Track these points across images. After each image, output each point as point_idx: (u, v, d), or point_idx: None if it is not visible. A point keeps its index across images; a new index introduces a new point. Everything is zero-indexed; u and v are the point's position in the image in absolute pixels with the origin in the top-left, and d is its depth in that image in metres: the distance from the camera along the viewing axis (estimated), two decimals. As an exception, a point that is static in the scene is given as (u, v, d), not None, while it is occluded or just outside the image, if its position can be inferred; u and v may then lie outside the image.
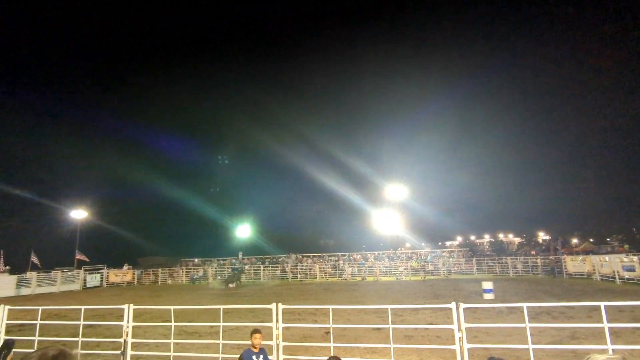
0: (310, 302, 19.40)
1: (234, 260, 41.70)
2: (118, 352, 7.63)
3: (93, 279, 34.97)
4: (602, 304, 6.01)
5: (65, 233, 42.81)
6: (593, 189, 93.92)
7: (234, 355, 6.82)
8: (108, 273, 36.36)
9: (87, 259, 37.24)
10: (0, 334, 8.33)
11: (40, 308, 8.84)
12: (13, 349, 7.12)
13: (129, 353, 7.52)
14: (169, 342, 7.81)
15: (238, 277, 31.19)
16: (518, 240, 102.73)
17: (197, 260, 43.73)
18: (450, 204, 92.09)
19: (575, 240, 73.49)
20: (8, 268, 31.72)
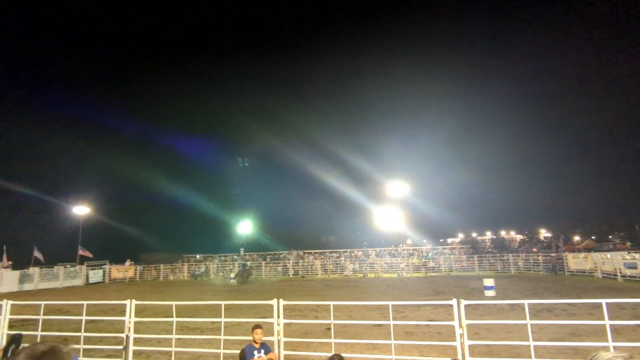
0: (312, 298, 19.44)
1: (236, 257, 41.77)
2: (120, 347, 7.67)
3: (95, 275, 35.14)
4: (603, 302, 5.99)
5: (68, 229, 43.00)
6: (595, 187, 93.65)
7: (235, 351, 6.85)
8: (110, 269, 36.52)
9: (90, 255, 37.40)
10: (4, 329, 8.38)
11: (43, 303, 8.88)
12: (21, 344, 7.17)
13: (131, 348, 7.55)
14: (171, 337, 7.83)
15: (247, 273, 30.54)
16: (520, 238, 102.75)
17: (198, 257, 43.87)
18: (452, 201, 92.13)
19: (577, 238, 73.40)
20: (11, 263, 31.82)
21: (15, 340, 7.22)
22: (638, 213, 76.67)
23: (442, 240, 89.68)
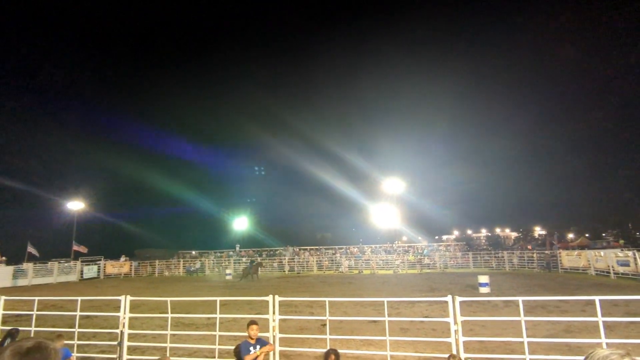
0: (307, 294, 19.47)
1: (232, 253, 41.74)
2: (115, 342, 7.65)
3: (90, 271, 34.98)
4: (596, 298, 6.04)
5: (62, 224, 42.75)
6: (589, 185, 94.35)
7: (231, 347, 6.84)
8: (105, 264, 36.37)
9: (85, 251, 37.21)
10: (-3, 325, 8.33)
11: (37, 299, 8.83)
12: (17, 338, 7.11)
13: (126, 344, 7.53)
14: (166, 333, 7.82)
15: (255, 270, 29.22)
16: (514, 235, 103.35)
17: (194, 253, 43.81)
18: (448, 198, 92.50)
19: (571, 235, 73.98)
20: (4, 259, 31.61)
21: (11, 335, 7.18)
22: (631, 211, 77.40)
23: (437, 237, 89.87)
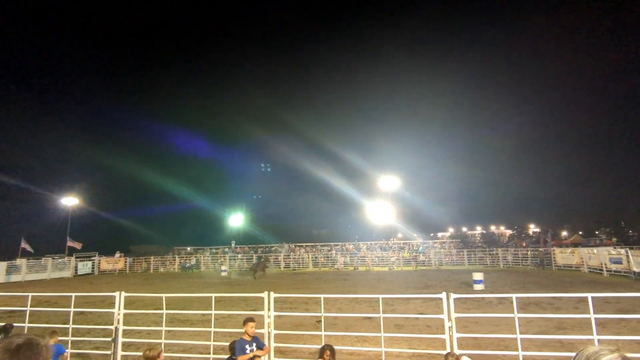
0: (302, 291, 19.50)
1: (227, 249, 41.66)
2: (109, 339, 7.62)
3: (84, 267, 34.83)
4: (589, 295, 6.09)
5: (56, 220, 42.46)
6: (583, 184, 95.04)
7: (226, 343, 6.84)
8: (100, 260, 36.21)
9: (79, 247, 36.99)
10: (-10, 320, 8.27)
11: (30, 295, 8.77)
12: (11, 334, 7.07)
13: (120, 340, 7.51)
14: (161, 329, 7.80)
15: (263, 267, 28.91)
16: (509, 232, 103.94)
17: (189, 249, 43.72)
18: (443, 196, 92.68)
19: (565, 233, 74.51)
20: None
21: (6, 330, 7.14)
22: (624, 209, 78.14)
23: (432, 235, 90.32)
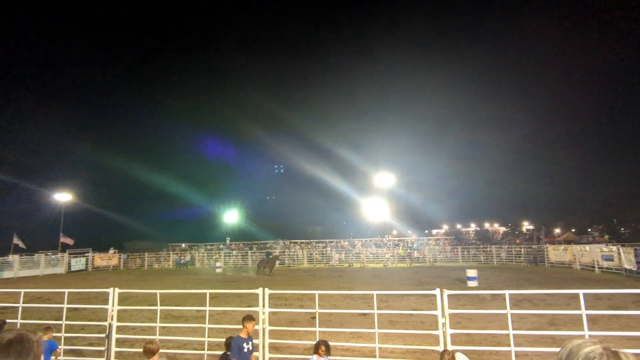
0: (297, 287, 19.53)
1: (222, 246, 41.59)
2: (103, 335, 7.59)
3: (78, 263, 34.58)
4: (581, 292, 6.15)
5: (49, 216, 42.12)
6: (576, 182, 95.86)
7: (221, 339, 6.84)
8: (93, 257, 35.98)
9: (71, 243, 36.72)
10: (-18, 317, 8.20)
11: (23, 291, 8.71)
12: (3, 330, 7.03)
13: (114, 336, 7.48)
14: (155, 325, 7.78)
15: (272, 263, 27.79)
16: (503, 230, 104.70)
17: (184, 245, 43.59)
18: (437, 193, 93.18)
19: (558, 230, 75.19)
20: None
21: None
22: (616, 207, 78.97)
23: (427, 232, 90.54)
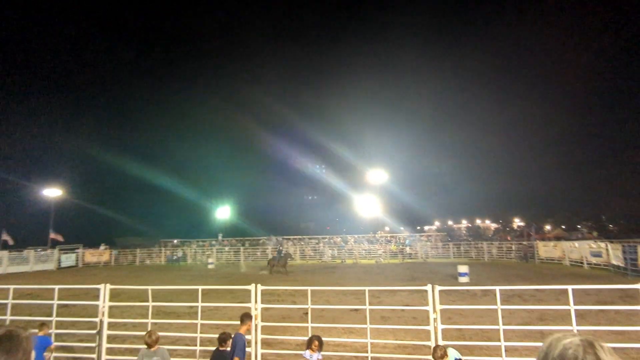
0: (289, 283, 19.55)
1: (214, 242, 41.43)
2: (94, 331, 7.54)
3: (68, 259, 34.23)
4: (569, 288, 6.25)
5: (38, 212, 41.61)
6: (566, 179, 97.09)
7: (213, 335, 6.83)
8: (84, 253, 35.64)
9: (61, 239, 36.35)
10: (-30, 313, 8.10)
11: (12, 287, 8.61)
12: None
13: (105, 332, 7.44)
14: (147, 321, 7.75)
15: (284, 261, 26.19)
16: (494, 226, 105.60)
17: (176, 241, 43.36)
18: (430, 189, 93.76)
19: (549, 227, 76.05)
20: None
21: None
22: (605, 205, 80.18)
23: (419, 228, 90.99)
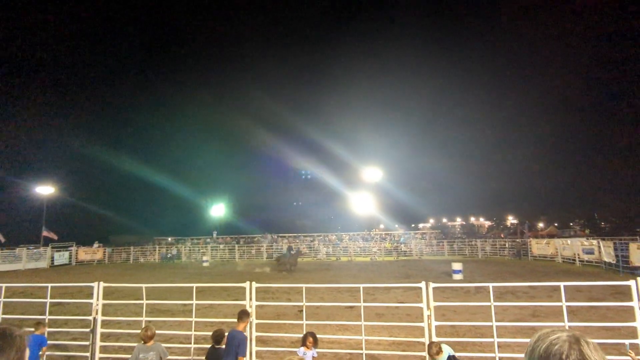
0: (284, 281, 19.56)
1: (209, 240, 41.32)
2: (87, 330, 7.51)
3: (61, 257, 33.96)
4: (561, 284, 6.31)
5: (30, 210, 41.24)
6: (559, 177, 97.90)
7: (207, 333, 6.82)
8: (77, 251, 35.39)
9: (55, 237, 36.04)
10: (-39, 312, 8.03)
11: (4, 285, 8.54)
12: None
13: (99, 331, 7.41)
14: (141, 319, 7.72)
15: (294, 260, 25.60)
16: (488, 224, 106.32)
17: (170, 239, 43.19)
18: (424, 187, 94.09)
19: (541, 225, 76.71)
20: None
21: None
22: (597, 203, 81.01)
23: (413, 225, 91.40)
